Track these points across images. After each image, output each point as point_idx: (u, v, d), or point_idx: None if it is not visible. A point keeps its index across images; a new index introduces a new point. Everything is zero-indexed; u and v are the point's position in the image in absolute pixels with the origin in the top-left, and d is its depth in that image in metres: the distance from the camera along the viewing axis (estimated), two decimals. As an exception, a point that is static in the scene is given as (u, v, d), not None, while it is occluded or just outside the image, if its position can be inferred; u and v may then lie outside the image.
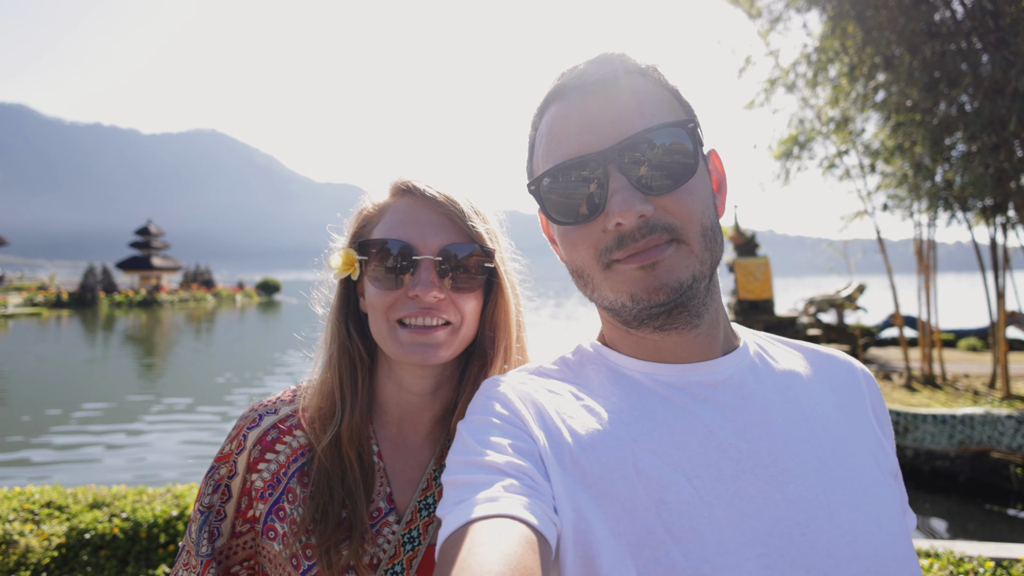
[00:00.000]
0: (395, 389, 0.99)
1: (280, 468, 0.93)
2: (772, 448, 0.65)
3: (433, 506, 0.96)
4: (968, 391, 8.89)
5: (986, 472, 6.29)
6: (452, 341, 0.93)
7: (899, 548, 0.63)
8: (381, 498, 0.94)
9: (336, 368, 0.96)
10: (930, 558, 2.76)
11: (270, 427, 0.95)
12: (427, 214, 0.93)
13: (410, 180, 0.96)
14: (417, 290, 0.89)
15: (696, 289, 0.68)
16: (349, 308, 1.00)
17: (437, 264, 0.91)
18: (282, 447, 0.94)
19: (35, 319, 36.87)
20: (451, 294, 0.92)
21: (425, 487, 0.96)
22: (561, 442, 0.66)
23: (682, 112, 0.71)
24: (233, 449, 0.94)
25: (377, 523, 0.93)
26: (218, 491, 0.94)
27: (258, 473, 0.93)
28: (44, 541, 2.91)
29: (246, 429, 0.95)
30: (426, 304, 0.90)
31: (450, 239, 0.92)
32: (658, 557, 0.58)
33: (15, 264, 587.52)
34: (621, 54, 0.71)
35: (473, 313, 0.95)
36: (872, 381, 0.81)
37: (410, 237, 0.91)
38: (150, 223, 60.49)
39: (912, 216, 9.89)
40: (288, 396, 1.00)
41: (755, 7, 9.48)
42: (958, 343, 14.89)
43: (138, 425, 10.06)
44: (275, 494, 0.92)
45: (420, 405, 1.00)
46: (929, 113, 8.05)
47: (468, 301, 0.94)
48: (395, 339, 0.91)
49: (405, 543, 0.92)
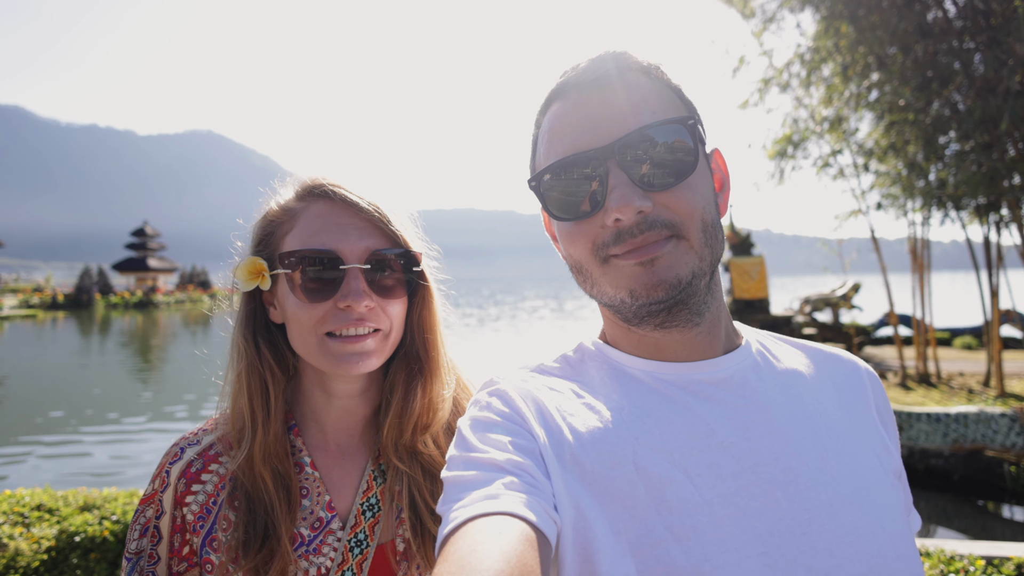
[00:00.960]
0: (324, 397, 0.96)
1: (209, 498, 0.89)
2: (774, 447, 0.65)
3: (377, 506, 0.94)
4: (963, 389, 8.92)
5: (980, 470, 6.32)
6: (382, 348, 0.91)
7: (901, 548, 0.62)
8: (320, 507, 0.92)
9: (246, 387, 0.91)
10: (921, 557, 2.77)
11: (193, 458, 0.91)
12: (348, 218, 0.89)
13: (324, 182, 0.91)
14: (348, 301, 0.85)
15: (696, 286, 0.68)
16: (257, 321, 0.94)
17: (365, 272, 0.87)
18: (208, 476, 0.90)
19: (31, 321, 36.70)
20: (379, 300, 0.89)
21: (366, 488, 0.95)
22: (561, 439, 0.65)
23: (684, 110, 0.71)
24: (157, 488, 0.90)
25: (320, 533, 0.90)
26: (146, 534, 0.89)
27: (187, 507, 0.88)
28: (34, 544, 2.89)
29: (168, 465, 0.90)
30: (358, 315, 0.87)
31: (376, 244, 0.89)
32: (658, 555, 0.58)
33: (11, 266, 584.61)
34: (623, 52, 0.71)
35: (400, 317, 0.93)
36: (876, 380, 0.80)
37: (334, 244, 0.87)
38: (146, 224, 60.30)
39: (906, 215, 9.94)
40: (210, 425, 0.97)
41: (749, 7, 9.51)
42: (953, 341, 14.93)
43: (130, 427, 10.02)
44: (207, 525, 0.88)
45: (350, 409, 0.97)
46: (922, 112, 8.09)
47: (395, 305, 0.92)
48: (325, 352, 0.88)
49: (352, 547, 0.91)
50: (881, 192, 9.91)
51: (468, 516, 0.55)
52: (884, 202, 9.83)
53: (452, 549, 0.53)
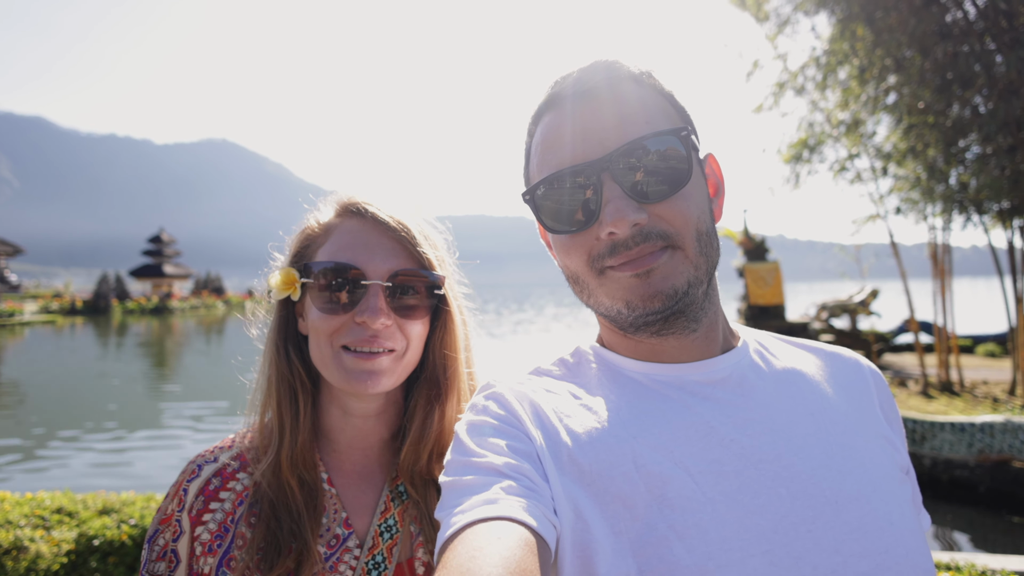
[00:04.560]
0: (340, 415, 0.96)
1: (227, 516, 0.88)
2: (776, 444, 0.64)
3: (395, 528, 0.94)
4: (987, 398, 8.69)
5: (1007, 482, 6.12)
6: (395, 368, 0.91)
7: (911, 544, 0.61)
8: (338, 524, 0.91)
9: (275, 394, 0.92)
10: (951, 571, 2.67)
11: (211, 475, 0.90)
12: (376, 237, 0.91)
13: (359, 200, 0.93)
14: (365, 316, 0.86)
15: (694, 295, 0.68)
16: (288, 330, 0.96)
17: (386, 290, 0.89)
18: (227, 494, 0.89)
19: (50, 326, 37.44)
20: (398, 320, 0.90)
21: (384, 510, 0.94)
22: (559, 441, 0.65)
23: (677, 118, 0.71)
24: (175, 508, 0.88)
25: (337, 550, 0.89)
26: (164, 558, 0.87)
27: (203, 526, 0.87)
28: (54, 547, 2.92)
29: (186, 483, 0.90)
30: (373, 331, 0.87)
31: (400, 264, 0.90)
32: (661, 554, 0.57)
33: (32, 272, 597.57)
34: (614, 61, 0.71)
35: (419, 339, 0.94)
36: (879, 377, 0.79)
37: (359, 261, 0.89)
38: (162, 231, 61.44)
39: (926, 219, 9.76)
40: (228, 443, 0.97)
41: (763, 11, 9.45)
42: (976, 349, 14.61)
43: (148, 431, 10.14)
44: (224, 544, 0.86)
45: (366, 430, 0.97)
46: (942, 115, 7.96)
47: (414, 327, 0.92)
48: (339, 365, 0.88)
49: (371, 569, 0.90)
50: (900, 196, 9.75)
51: (467, 521, 0.55)
52: (903, 206, 9.67)
53: (452, 555, 0.53)
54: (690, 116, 0.74)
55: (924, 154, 8.54)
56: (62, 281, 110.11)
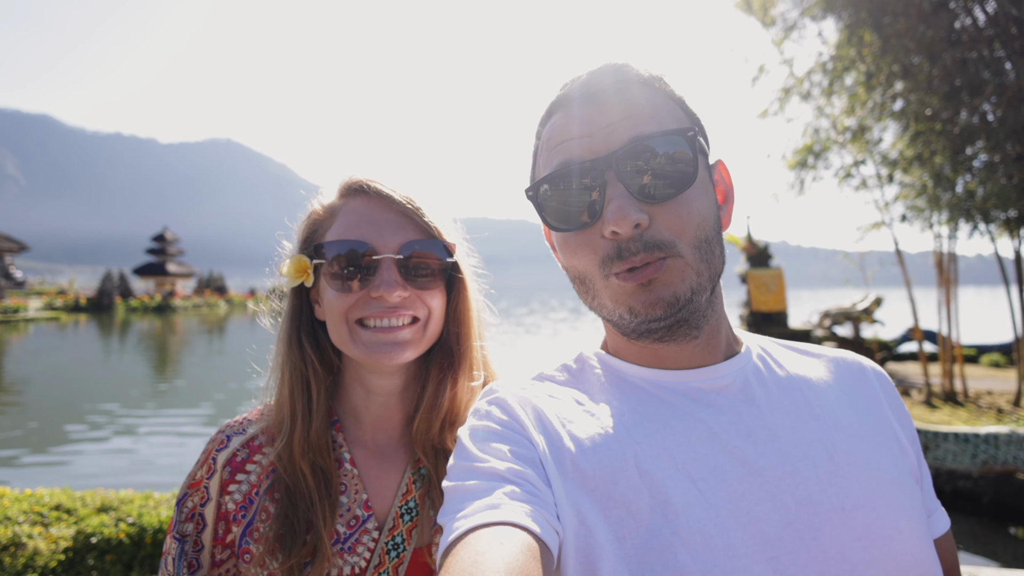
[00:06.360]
0: (364, 394, 0.97)
1: (252, 488, 0.90)
2: (780, 450, 0.64)
3: (415, 510, 0.94)
4: (991, 409, 8.62)
5: (1012, 494, 6.06)
6: (420, 338, 0.91)
7: (919, 552, 0.60)
8: (358, 505, 0.92)
9: (288, 381, 0.94)
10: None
11: (239, 447, 0.93)
12: (383, 212, 0.91)
13: (361, 179, 0.93)
14: (381, 291, 0.87)
15: (697, 303, 0.67)
16: (302, 319, 0.97)
17: (398, 263, 0.89)
18: (253, 467, 0.92)
19: (54, 323, 37.57)
20: (416, 291, 0.90)
21: (405, 491, 0.95)
22: (561, 447, 0.65)
23: (686, 121, 0.71)
24: (204, 475, 0.91)
25: (356, 531, 0.91)
26: (192, 520, 0.90)
27: (229, 495, 0.90)
28: (52, 544, 2.90)
29: (215, 452, 0.92)
30: (391, 304, 0.88)
31: (409, 236, 0.91)
32: (665, 560, 0.57)
33: (37, 269, 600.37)
34: (624, 64, 0.70)
35: (439, 308, 0.94)
36: (885, 378, 0.78)
37: (368, 237, 0.89)
38: (166, 230, 61.68)
39: (931, 227, 9.70)
40: (255, 415, 0.98)
41: (769, 16, 9.43)
42: (980, 359, 14.50)
43: (147, 429, 10.14)
44: (248, 515, 0.89)
45: (390, 407, 0.98)
46: (950, 122, 7.91)
47: (434, 297, 0.92)
48: (356, 340, 0.89)
49: (390, 550, 0.90)
50: (905, 204, 9.70)
51: (470, 527, 0.55)
52: (909, 214, 9.62)
53: (454, 560, 0.53)
54: (701, 122, 0.73)
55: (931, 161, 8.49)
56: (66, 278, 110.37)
